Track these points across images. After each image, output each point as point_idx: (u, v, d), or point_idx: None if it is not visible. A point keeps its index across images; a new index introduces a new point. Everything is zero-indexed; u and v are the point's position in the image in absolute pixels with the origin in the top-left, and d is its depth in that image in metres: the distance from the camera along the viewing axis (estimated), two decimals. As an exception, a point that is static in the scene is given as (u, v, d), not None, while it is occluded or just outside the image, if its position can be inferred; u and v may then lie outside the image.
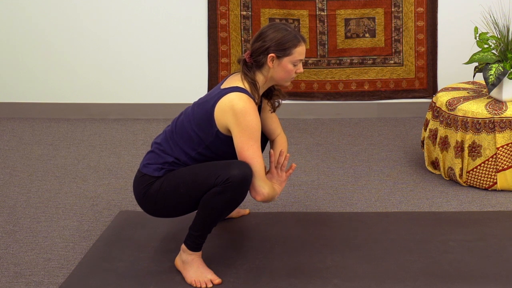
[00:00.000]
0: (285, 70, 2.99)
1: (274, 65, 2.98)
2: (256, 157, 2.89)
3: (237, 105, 2.88)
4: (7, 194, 3.90)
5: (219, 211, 2.88)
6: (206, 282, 2.94)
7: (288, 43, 2.96)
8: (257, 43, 2.98)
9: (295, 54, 2.98)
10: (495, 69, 3.77)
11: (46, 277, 3.06)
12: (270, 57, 2.95)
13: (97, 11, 4.99)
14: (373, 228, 3.40)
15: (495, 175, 3.77)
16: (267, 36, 2.97)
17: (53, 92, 5.13)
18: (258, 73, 3.01)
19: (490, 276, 2.96)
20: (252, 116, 2.88)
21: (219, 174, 2.84)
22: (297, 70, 3.03)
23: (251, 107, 2.89)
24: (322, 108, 5.05)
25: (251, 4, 4.91)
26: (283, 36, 2.96)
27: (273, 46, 2.95)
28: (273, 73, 3.00)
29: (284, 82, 3.06)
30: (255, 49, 2.99)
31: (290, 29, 3.01)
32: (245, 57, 3.01)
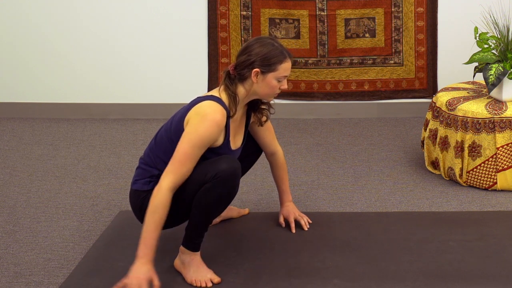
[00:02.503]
0: (269, 86, 2.93)
1: (258, 80, 2.92)
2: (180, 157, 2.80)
3: (204, 110, 2.84)
4: (7, 194, 3.90)
5: (212, 208, 2.87)
6: (206, 281, 2.93)
7: (274, 58, 2.90)
8: (242, 56, 2.92)
9: (280, 70, 2.92)
10: (495, 69, 3.77)
11: (46, 277, 3.06)
12: (255, 72, 2.89)
13: (97, 11, 4.99)
14: (373, 228, 3.39)
15: (495, 175, 3.77)
16: (253, 50, 2.91)
17: (53, 92, 5.13)
18: (240, 86, 2.95)
19: (490, 276, 2.96)
20: (207, 126, 2.81)
21: (208, 171, 2.83)
22: (281, 86, 2.96)
23: (215, 119, 2.82)
24: (322, 108, 5.05)
25: (251, 4, 4.91)
26: (269, 51, 2.90)
27: (258, 61, 2.89)
28: (256, 88, 2.94)
29: (267, 97, 3.00)
30: (239, 62, 2.93)
31: (277, 44, 2.94)
32: (229, 69, 2.96)
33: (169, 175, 2.81)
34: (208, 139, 2.84)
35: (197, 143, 2.82)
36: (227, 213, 3.48)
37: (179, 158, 2.82)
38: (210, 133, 2.83)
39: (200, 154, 2.85)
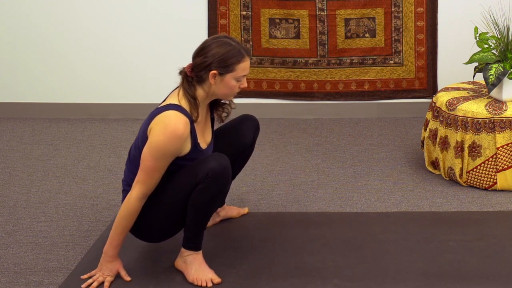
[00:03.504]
0: (227, 87, 2.90)
1: (216, 82, 2.87)
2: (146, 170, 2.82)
3: (164, 122, 2.81)
4: (7, 194, 3.90)
5: (208, 206, 2.89)
6: (206, 280, 2.94)
7: (231, 59, 2.85)
8: (199, 58, 2.87)
9: (238, 71, 2.87)
10: (495, 69, 3.77)
11: (46, 277, 3.06)
12: (212, 74, 2.85)
13: (97, 11, 4.99)
14: (373, 228, 3.40)
15: (495, 175, 3.77)
16: (209, 51, 2.85)
17: (53, 92, 5.13)
18: (199, 89, 2.91)
19: (490, 276, 2.96)
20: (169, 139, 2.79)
21: (197, 172, 2.84)
22: (241, 86, 2.93)
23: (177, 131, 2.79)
24: (322, 108, 5.05)
25: (251, 4, 4.91)
26: (226, 51, 2.85)
27: (215, 63, 2.84)
28: (215, 89, 2.91)
29: (226, 97, 2.98)
30: (196, 64, 2.88)
31: (234, 43, 2.89)
32: (186, 70, 2.92)
33: (139, 185, 2.86)
34: (170, 152, 2.83)
35: (160, 156, 2.82)
36: (227, 213, 3.48)
37: (146, 170, 2.84)
38: (171, 145, 2.81)
39: (167, 164, 2.86)
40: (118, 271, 2.99)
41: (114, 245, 2.94)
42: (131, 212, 2.87)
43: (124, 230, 2.92)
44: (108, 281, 2.95)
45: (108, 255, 2.97)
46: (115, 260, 2.98)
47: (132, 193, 2.86)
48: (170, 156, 2.84)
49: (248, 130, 3.25)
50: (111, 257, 2.97)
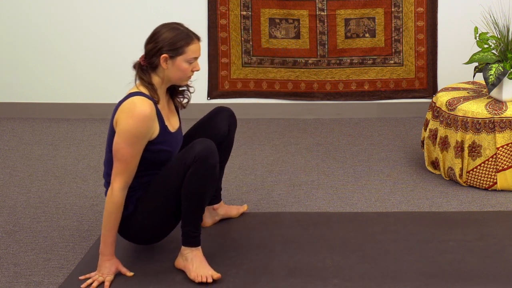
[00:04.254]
0: (180, 70, 2.95)
1: (168, 66, 2.94)
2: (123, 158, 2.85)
3: (129, 107, 2.87)
4: (7, 194, 3.90)
5: (201, 192, 2.90)
6: (207, 276, 2.95)
7: (180, 41, 2.92)
8: (150, 44, 2.95)
9: (189, 53, 2.94)
10: (495, 69, 3.77)
11: (46, 277, 3.06)
12: (163, 57, 2.92)
13: (97, 11, 4.99)
14: (373, 228, 3.40)
15: (495, 175, 3.77)
16: (159, 36, 2.93)
17: (53, 92, 5.13)
18: (153, 75, 2.98)
19: (490, 276, 2.96)
20: (137, 122, 2.84)
21: (185, 159, 2.89)
22: (194, 68, 2.99)
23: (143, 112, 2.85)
24: (322, 108, 5.05)
25: (251, 4, 4.91)
26: (175, 35, 2.92)
27: (166, 47, 2.91)
28: (168, 74, 2.96)
29: (181, 81, 3.02)
30: (148, 51, 2.96)
31: (183, 28, 2.97)
32: (139, 60, 2.99)
33: (118, 177, 2.88)
34: (142, 134, 2.87)
35: (134, 140, 2.86)
36: (226, 211, 3.48)
37: (122, 158, 2.87)
38: (142, 127, 2.86)
39: (142, 148, 2.90)
40: (117, 269, 3.00)
41: (108, 243, 2.95)
42: (117, 205, 2.89)
43: (115, 226, 2.93)
44: (108, 281, 2.95)
45: (105, 254, 2.97)
46: (113, 259, 2.99)
47: (114, 186, 2.88)
48: (143, 138, 2.88)
49: (221, 121, 3.26)
50: (108, 256, 2.97)
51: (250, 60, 4.99)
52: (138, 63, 3.01)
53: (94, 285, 2.93)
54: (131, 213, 3.02)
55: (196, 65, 3.00)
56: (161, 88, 3.01)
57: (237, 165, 4.22)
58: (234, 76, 5.02)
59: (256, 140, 4.64)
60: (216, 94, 5.05)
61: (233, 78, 5.03)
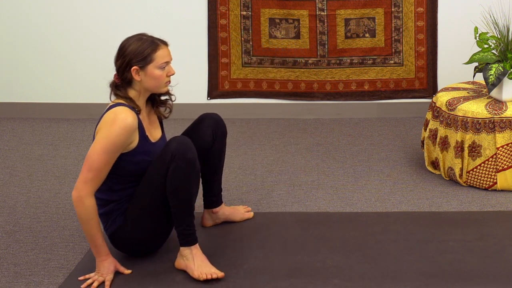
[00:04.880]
0: (153, 78, 2.95)
1: (141, 77, 2.95)
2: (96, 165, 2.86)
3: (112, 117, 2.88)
4: (7, 194, 3.90)
5: (185, 189, 2.90)
6: (211, 274, 2.95)
7: (147, 50, 2.93)
8: (118, 61, 2.97)
9: (158, 59, 2.95)
10: (495, 69, 3.77)
11: (46, 277, 3.06)
12: (134, 70, 2.93)
13: (97, 11, 4.99)
14: (373, 228, 3.39)
15: (495, 175, 3.77)
16: (125, 51, 2.95)
17: (53, 92, 5.13)
18: (129, 90, 2.98)
19: (490, 276, 2.96)
20: (119, 129, 2.85)
21: (163, 159, 2.90)
22: (168, 73, 2.99)
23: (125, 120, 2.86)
24: (322, 108, 5.05)
25: (251, 4, 4.91)
26: (139, 45, 2.94)
27: (133, 58, 2.93)
28: (144, 84, 2.97)
29: (158, 89, 3.01)
30: (118, 68, 2.98)
31: (146, 36, 2.99)
32: (114, 79, 3.00)
33: (87, 185, 2.87)
34: (121, 142, 2.87)
35: (111, 148, 2.87)
36: (229, 215, 3.46)
37: (95, 165, 2.87)
38: (122, 135, 2.87)
39: (115, 158, 2.90)
40: (115, 268, 3.00)
41: (98, 245, 2.94)
42: (91, 211, 2.88)
43: (97, 228, 2.92)
44: (109, 280, 2.95)
45: (100, 255, 2.97)
46: (109, 258, 2.99)
47: (82, 194, 2.87)
48: (120, 147, 2.88)
49: (205, 129, 3.23)
50: (104, 256, 2.97)
51: (250, 60, 4.99)
52: (113, 82, 3.01)
53: (94, 285, 2.93)
54: (121, 226, 3.03)
55: (170, 69, 3.00)
56: (139, 101, 3.01)
57: (237, 165, 4.22)
58: (234, 76, 5.02)
59: (256, 140, 4.64)
60: (216, 94, 5.05)
61: (233, 78, 5.03)
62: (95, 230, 2.92)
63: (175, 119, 5.21)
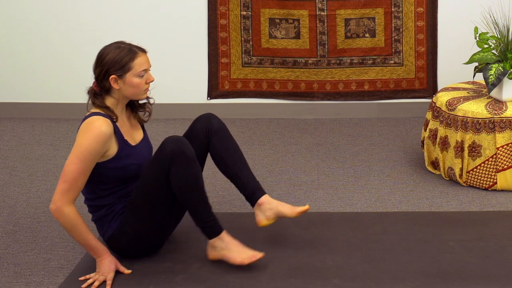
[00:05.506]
0: (132, 86, 2.95)
1: (119, 85, 2.94)
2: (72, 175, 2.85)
3: (86, 125, 2.89)
4: (7, 194, 3.89)
5: (191, 184, 2.90)
6: (254, 255, 2.97)
7: (124, 58, 2.91)
8: (97, 69, 2.96)
9: (136, 67, 2.93)
10: (495, 69, 3.77)
11: (46, 277, 3.06)
12: (112, 79, 2.92)
13: (97, 11, 4.99)
14: (373, 228, 3.40)
15: (495, 175, 3.77)
16: (103, 59, 2.94)
17: (53, 92, 5.13)
18: (108, 98, 2.99)
19: (490, 276, 2.96)
20: (93, 137, 2.85)
21: (161, 161, 2.88)
22: (147, 80, 2.98)
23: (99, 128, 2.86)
24: (322, 108, 5.05)
25: (251, 4, 4.91)
26: (116, 54, 2.92)
27: (112, 67, 2.92)
28: (123, 92, 2.97)
29: (137, 96, 3.01)
30: (97, 76, 2.97)
31: (124, 44, 2.96)
32: (92, 86, 3.01)
33: (64, 196, 2.86)
34: (96, 150, 2.86)
35: (85, 157, 2.86)
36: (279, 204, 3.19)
37: (71, 175, 2.86)
38: (96, 143, 2.86)
39: (91, 166, 2.89)
40: (116, 267, 3.00)
41: (93, 246, 2.94)
42: (73, 219, 2.87)
43: (86, 231, 2.91)
44: (110, 279, 2.94)
45: (100, 255, 2.96)
46: (109, 257, 2.98)
47: (60, 205, 2.86)
48: (96, 155, 2.87)
49: (199, 128, 3.20)
50: (103, 255, 2.97)
51: (250, 60, 4.99)
52: (92, 89, 3.02)
53: (95, 284, 2.93)
54: (117, 229, 3.02)
55: (149, 76, 2.99)
56: (117, 108, 3.01)
57: (237, 165, 4.22)
58: (234, 76, 5.02)
59: (256, 140, 4.64)
60: (216, 94, 5.05)
61: (233, 78, 5.03)
62: (84, 234, 2.91)
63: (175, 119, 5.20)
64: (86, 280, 2.97)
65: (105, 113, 2.95)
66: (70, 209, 2.87)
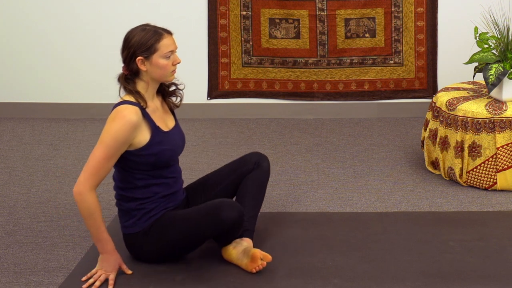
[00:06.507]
0: (159, 67, 2.96)
1: (147, 67, 2.95)
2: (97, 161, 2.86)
3: (114, 114, 2.91)
4: (7, 194, 3.90)
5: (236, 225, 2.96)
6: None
7: (150, 40, 2.93)
8: (124, 52, 2.97)
9: (162, 48, 2.95)
10: (495, 69, 3.77)
11: (46, 277, 3.06)
12: (139, 60, 2.93)
13: (97, 11, 4.99)
14: (373, 228, 3.40)
15: (495, 175, 3.77)
16: (129, 42, 2.95)
17: (53, 92, 5.13)
18: (138, 81, 2.99)
19: (490, 276, 2.96)
20: (120, 125, 2.87)
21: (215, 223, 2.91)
22: (174, 62, 3.00)
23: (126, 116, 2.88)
24: (322, 108, 5.05)
25: (251, 4, 4.91)
26: (142, 36, 2.93)
27: (138, 49, 2.92)
28: (150, 74, 2.98)
29: (165, 78, 3.02)
30: (124, 59, 2.98)
31: (149, 27, 2.98)
32: (122, 71, 3.01)
33: (88, 181, 2.86)
34: (123, 137, 2.88)
35: (112, 144, 2.87)
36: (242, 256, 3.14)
37: (96, 161, 2.87)
38: (123, 131, 2.87)
39: (118, 154, 2.91)
40: (119, 266, 2.99)
41: (104, 240, 2.93)
42: (93, 207, 2.87)
43: (101, 223, 2.91)
44: (112, 279, 2.93)
45: (107, 251, 2.95)
46: (115, 255, 2.97)
47: (83, 190, 2.86)
48: (123, 143, 2.88)
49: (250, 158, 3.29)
50: (110, 252, 2.95)
51: (250, 60, 4.99)
52: (122, 74, 3.02)
53: (96, 284, 2.92)
54: (144, 231, 3.01)
55: (175, 58, 3.01)
56: (148, 92, 3.01)
57: (237, 165, 4.22)
58: (234, 76, 5.02)
59: (256, 140, 4.64)
60: (216, 94, 5.05)
61: (233, 78, 5.03)
62: (98, 224, 2.90)
63: (175, 119, 5.19)
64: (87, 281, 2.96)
65: (135, 101, 2.95)
66: (91, 195, 2.86)
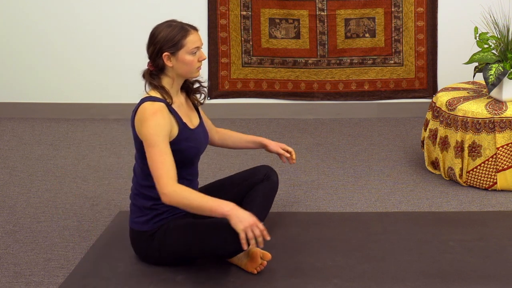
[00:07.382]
0: (185, 63, 2.95)
1: (173, 63, 2.95)
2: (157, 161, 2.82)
3: (142, 113, 2.89)
4: (7, 194, 3.90)
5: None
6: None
7: (176, 36, 2.92)
8: (150, 48, 2.97)
9: (188, 44, 2.94)
10: (495, 69, 3.77)
11: (46, 277, 3.06)
12: (165, 56, 2.93)
13: (97, 11, 4.99)
14: (373, 228, 3.40)
15: (495, 175, 3.77)
16: (156, 37, 2.94)
17: (53, 92, 5.13)
18: (163, 77, 2.99)
19: (490, 276, 2.96)
20: (154, 121, 2.85)
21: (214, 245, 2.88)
22: (200, 58, 2.99)
23: (155, 111, 2.87)
24: (322, 108, 5.05)
25: (251, 4, 4.91)
26: (169, 32, 2.93)
27: (165, 45, 2.92)
28: (176, 70, 2.97)
29: (191, 74, 3.01)
30: (150, 55, 2.98)
31: (175, 23, 2.98)
32: (148, 66, 3.01)
33: (165, 179, 2.81)
34: (163, 130, 2.87)
35: (160, 140, 2.84)
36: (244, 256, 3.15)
37: (158, 162, 2.83)
38: (159, 124, 2.86)
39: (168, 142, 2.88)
40: None
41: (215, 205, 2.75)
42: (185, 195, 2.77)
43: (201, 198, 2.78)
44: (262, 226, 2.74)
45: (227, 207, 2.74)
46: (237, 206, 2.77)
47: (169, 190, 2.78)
48: (165, 134, 2.87)
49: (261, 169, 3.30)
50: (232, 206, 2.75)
51: (250, 60, 4.99)
52: (147, 69, 3.01)
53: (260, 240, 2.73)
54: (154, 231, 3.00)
55: (201, 54, 3.00)
56: (173, 88, 3.02)
57: (237, 165, 4.22)
58: (234, 76, 5.02)
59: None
60: (216, 94, 5.05)
61: (233, 78, 5.03)
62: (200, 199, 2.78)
63: (175, 119, 5.17)
64: None
65: (160, 97, 2.95)
66: (176, 187, 2.79)
